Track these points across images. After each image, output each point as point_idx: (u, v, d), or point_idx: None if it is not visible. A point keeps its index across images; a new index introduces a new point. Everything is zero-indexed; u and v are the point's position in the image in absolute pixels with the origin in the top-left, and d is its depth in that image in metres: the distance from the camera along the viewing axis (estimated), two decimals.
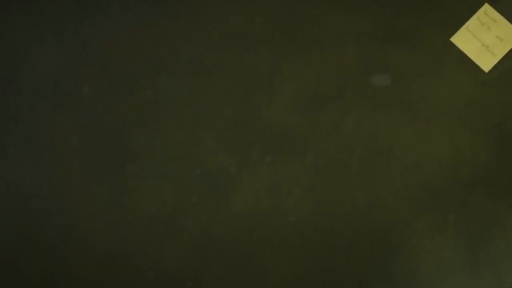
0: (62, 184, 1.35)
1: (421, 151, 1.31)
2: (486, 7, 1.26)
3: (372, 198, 1.30)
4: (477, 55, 1.28)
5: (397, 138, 1.32)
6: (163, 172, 1.34)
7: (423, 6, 1.34)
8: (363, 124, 1.32)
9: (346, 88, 1.34)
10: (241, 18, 1.37)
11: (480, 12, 1.27)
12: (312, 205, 1.31)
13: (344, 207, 1.31)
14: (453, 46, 1.33)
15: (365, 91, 1.33)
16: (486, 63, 1.27)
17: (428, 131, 1.31)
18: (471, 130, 1.30)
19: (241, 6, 1.37)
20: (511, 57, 1.28)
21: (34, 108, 1.37)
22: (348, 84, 1.34)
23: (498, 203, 1.28)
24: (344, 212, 1.30)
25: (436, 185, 1.29)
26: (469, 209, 1.28)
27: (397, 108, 1.32)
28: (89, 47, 1.38)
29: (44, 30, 1.39)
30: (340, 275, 1.29)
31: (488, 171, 1.29)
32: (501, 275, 1.27)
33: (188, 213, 1.33)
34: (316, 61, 1.35)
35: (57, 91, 1.37)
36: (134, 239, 1.33)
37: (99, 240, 1.33)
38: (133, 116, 1.36)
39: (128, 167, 1.34)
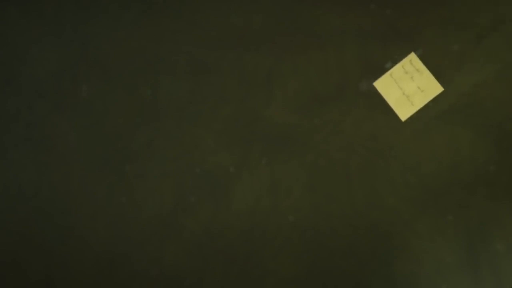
0: (62, 184, 1.35)
1: (421, 151, 1.31)
2: (412, 56, 1.28)
3: (372, 198, 1.30)
4: (397, 103, 1.30)
5: (397, 138, 1.31)
6: (163, 172, 1.34)
7: (422, 6, 1.34)
8: (363, 124, 1.32)
9: (346, 88, 1.33)
10: (241, 18, 1.37)
11: (405, 60, 1.29)
12: (311, 205, 1.31)
13: (343, 207, 1.30)
14: (451, 46, 1.33)
15: (365, 91, 1.33)
16: (404, 112, 1.29)
17: (428, 131, 1.31)
18: (471, 130, 1.30)
19: (241, 6, 1.37)
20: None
21: (34, 108, 1.37)
22: (348, 84, 1.33)
23: (497, 204, 1.28)
24: (344, 212, 1.30)
25: (436, 186, 1.29)
26: (469, 209, 1.28)
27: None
28: (89, 47, 1.39)
29: (44, 30, 1.39)
30: (339, 275, 1.29)
31: (488, 172, 1.29)
32: (501, 275, 1.26)
33: (188, 213, 1.33)
34: (316, 60, 1.35)
35: (57, 91, 1.38)
36: (134, 239, 1.33)
37: (99, 240, 1.33)
38: (133, 116, 1.36)
39: (127, 167, 1.35)
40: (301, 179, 1.32)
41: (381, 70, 1.32)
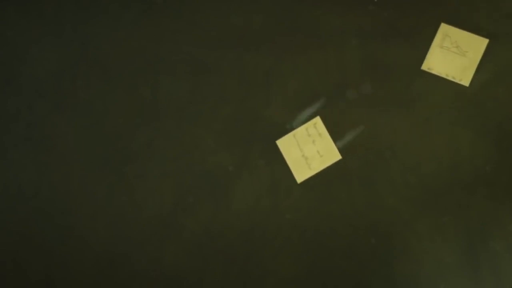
0: (62, 184, 1.35)
1: (421, 151, 1.31)
2: (317, 120, 1.30)
3: (372, 198, 1.30)
4: (295, 164, 1.31)
5: (397, 138, 1.31)
6: (163, 172, 1.34)
7: (422, 6, 1.34)
8: (363, 123, 1.32)
9: (346, 87, 1.33)
10: (241, 18, 1.37)
11: (310, 123, 1.30)
12: (311, 205, 1.31)
13: (343, 207, 1.30)
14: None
15: (365, 90, 1.33)
16: (301, 174, 1.31)
17: (428, 131, 1.31)
18: (470, 130, 1.30)
19: (240, 6, 1.37)
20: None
21: (34, 108, 1.37)
22: (348, 83, 1.33)
23: (497, 204, 1.28)
24: (344, 212, 1.30)
25: (436, 186, 1.29)
26: (468, 209, 1.28)
27: (397, 107, 1.32)
28: (89, 47, 1.38)
29: (44, 30, 1.39)
30: (339, 275, 1.29)
31: (488, 172, 1.29)
32: (501, 276, 1.26)
33: (188, 213, 1.33)
34: (315, 60, 1.35)
35: (57, 91, 1.38)
36: (134, 239, 1.33)
37: (99, 240, 1.33)
38: (133, 116, 1.36)
39: (127, 167, 1.35)
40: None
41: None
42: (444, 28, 1.28)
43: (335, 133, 1.31)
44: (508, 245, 1.27)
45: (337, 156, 1.30)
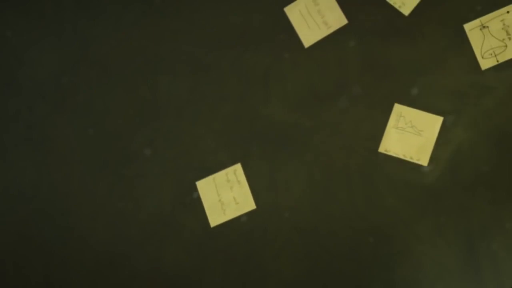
0: (62, 184, 1.35)
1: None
2: (237, 167, 1.30)
3: (372, 200, 1.29)
4: (211, 208, 1.31)
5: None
6: (163, 171, 1.34)
7: (423, 4, 1.33)
8: (362, 124, 1.31)
9: (346, 87, 1.33)
10: (240, 17, 1.36)
11: (230, 169, 1.31)
12: (312, 205, 1.31)
13: (344, 207, 1.30)
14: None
15: (365, 89, 1.32)
16: (214, 218, 1.31)
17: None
18: (471, 131, 1.29)
19: (239, 5, 1.37)
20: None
21: (34, 109, 1.38)
22: (348, 83, 1.33)
23: (498, 205, 1.27)
24: (344, 213, 1.30)
25: (436, 187, 1.28)
26: (469, 211, 1.27)
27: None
28: (89, 47, 1.39)
29: (44, 30, 1.39)
30: (340, 277, 1.29)
31: (489, 173, 1.28)
32: (502, 277, 1.25)
33: (188, 212, 1.33)
34: (315, 59, 1.34)
35: (57, 91, 1.38)
36: (133, 239, 1.33)
37: (99, 240, 1.33)
38: (133, 116, 1.36)
39: (127, 167, 1.35)
40: (301, 178, 1.32)
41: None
42: (397, 108, 1.27)
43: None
44: (508, 246, 1.26)
45: (252, 206, 1.31)
